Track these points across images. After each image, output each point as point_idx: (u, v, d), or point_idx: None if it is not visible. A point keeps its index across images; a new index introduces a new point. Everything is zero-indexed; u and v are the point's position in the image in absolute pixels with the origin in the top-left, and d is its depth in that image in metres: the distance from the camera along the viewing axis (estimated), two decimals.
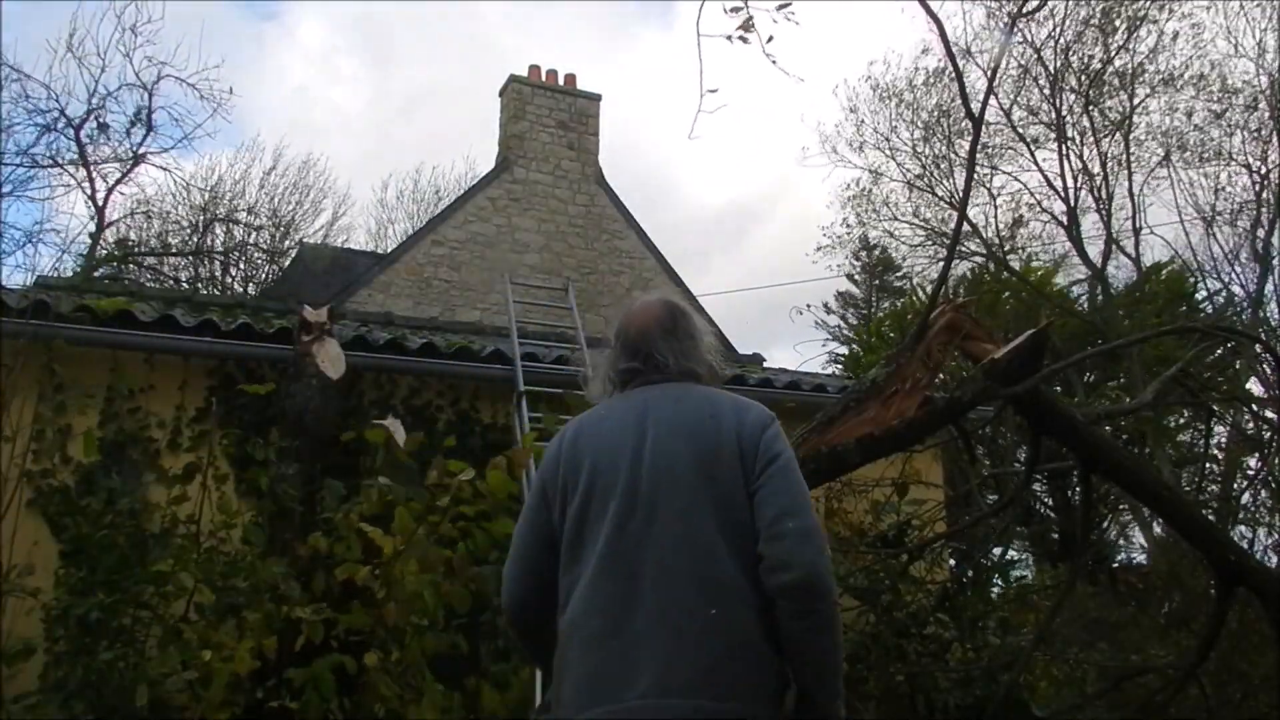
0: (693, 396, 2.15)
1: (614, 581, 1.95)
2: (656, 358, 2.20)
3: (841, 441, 3.75)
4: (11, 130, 14.73)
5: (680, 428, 2.07)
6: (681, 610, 1.89)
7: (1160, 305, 15.00)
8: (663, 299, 2.33)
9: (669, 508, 1.98)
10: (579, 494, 2.06)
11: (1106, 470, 4.23)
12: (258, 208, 19.20)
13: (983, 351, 3.92)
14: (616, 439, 2.09)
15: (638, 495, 2.00)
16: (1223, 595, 4.13)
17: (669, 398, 2.14)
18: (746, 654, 1.88)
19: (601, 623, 1.93)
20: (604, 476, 2.04)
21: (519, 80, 14.54)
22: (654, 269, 14.90)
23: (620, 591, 1.94)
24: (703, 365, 2.25)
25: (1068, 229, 15.33)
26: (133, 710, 4.01)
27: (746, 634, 1.89)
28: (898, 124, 16.24)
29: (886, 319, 19.49)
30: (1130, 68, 14.41)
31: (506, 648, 5.94)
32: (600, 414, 2.22)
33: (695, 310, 2.34)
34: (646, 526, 1.97)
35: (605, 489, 2.03)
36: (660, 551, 1.95)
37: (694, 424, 2.07)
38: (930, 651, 5.78)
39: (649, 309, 2.28)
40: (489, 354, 6.63)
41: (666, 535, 1.96)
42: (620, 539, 1.97)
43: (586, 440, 2.14)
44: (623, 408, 2.17)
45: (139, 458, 5.55)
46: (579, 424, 2.22)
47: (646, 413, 2.11)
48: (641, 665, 1.86)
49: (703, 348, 2.26)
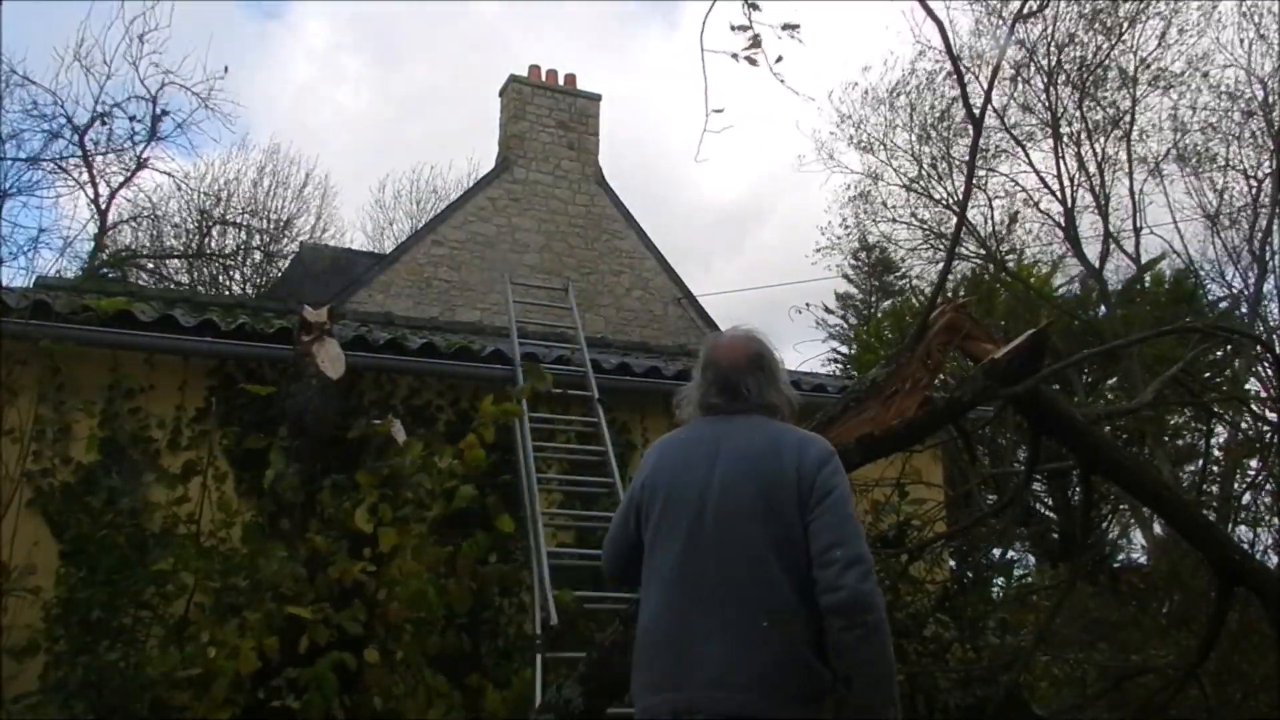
0: (764, 430, 2.40)
1: (684, 591, 2.27)
2: (742, 391, 2.43)
3: (841, 442, 3.74)
4: (18, 137, 14.73)
5: (747, 458, 2.33)
6: (740, 621, 2.19)
7: (1161, 305, 15.00)
8: (749, 335, 2.55)
9: (733, 530, 2.26)
10: (656, 511, 2.38)
11: (1107, 470, 4.22)
12: (255, 208, 19.22)
13: (983, 351, 3.91)
14: (693, 463, 2.38)
15: (705, 516, 2.29)
16: (1223, 595, 4.12)
17: (743, 429, 2.40)
18: (794, 662, 2.17)
19: (670, 626, 2.26)
20: (678, 496, 2.35)
21: (519, 80, 14.54)
22: (654, 269, 14.90)
23: (689, 600, 2.25)
24: (781, 399, 2.48)
25: (1064, 228, 15.34)
26: (133, 710, 4.01)
27: (794, 645, 2.18)
28: (895, 126, 16.25)
29: (885, 319, 19.49)
30: (1130, 63, 14.43)
31: (507, 647, 5.95)
32: (681, 438, 2.50)
33: (772, 347, 2.55)
34: (714, 545, 2.26)
35: (680, 507, 2.34)
36: (724, 568, 2.24)
37: (759, 456, 2.33)
38: (930, 652, 5.78)
39: (736, 345, 2.52)
40: (489, 354, 6.63)
41: (730, 554, 2.24)
42: (691, 555, 2.28)
43: (667, 462, 2.45)
44: (701, 435, 2.45)
45: (139, 457, 5.55)
46: (662, 446, 2.53)
47: (720, 442, 2.38)
48: (702, 664, 2.18)
49: (781, 384, 2.50)
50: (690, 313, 14.87)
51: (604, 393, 6.62)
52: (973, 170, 5.71)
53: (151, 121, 15.31)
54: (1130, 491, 4.58)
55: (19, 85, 14.29)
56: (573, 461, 6.55)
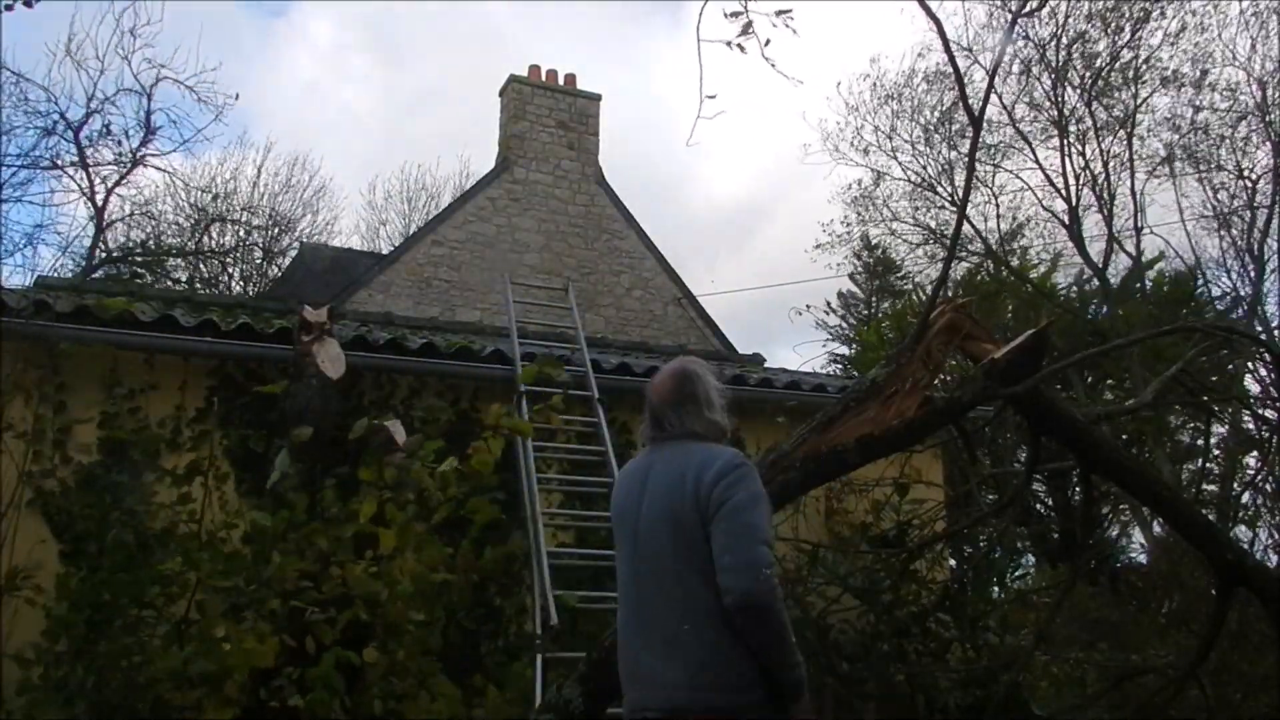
0: (679, 455, 2.72)
1: (630, 606, 2.72)
2: (665, 424, 2.80)
3: (841, 441, 3.75)
4: (12, 133, 14.71)
5: (664, 483, 2.69)
6: (666, 627, 2.58)
7: (1161, 304, 14.99)
8: (674, 371, 2.90)
9: (652, 547, 2.65)
10: (616, 529, 2.85)
11: (1106, 470, 4.22)
12: (254, 207, 19.21)
13: (982, 351, 3.91)
14: (630, 491, 2.79)
15: (639, 536, 2.70)
16: (1222, 595, 4.12)
17: (665, 457, 2.76)
18: (716, 659, 2.51)
19: (626, 635, 2.73)
20: (623, 519, 2.78)
21: (519, 80, 14.53)
22: (654, 269, 14.89)
23: (631, 612, 2.71)
24: (701, 425, 2.78)
25: (1069, 227, 15.34)
26: (135, 710, 4.01)
27: (715, 644, 2.51)
28: (899, 124, 16.23)
29: (886, 320, 19.47)
30: (1135, 64, 14.41)
31: (508, 647, 5.95)
32: (628, 468, 2.97)
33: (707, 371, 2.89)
34: (644, 562, 2.67)
35: (623, 531, 2.78)
36: (651, 582, 2.64)
37: (672, 478, 2.67)
38: (930, 651, 5.79)
39: (664, 382, 2.88)
40: (489, 354, 6.63)
41: (653, 570, 2.64)
42: (633, 572, 2.71)
43: (619, 488, 2.90)
44: (638, 465, 2.88)
45: (139, 458, 5.55)
46: (623, 473, 2.99)
47: (650, 469, 2.78)
48: (648, 665, 2.61)
49: (704, 410, 2.79)
50: (690, 313, 14.87)
51: (604, 393, 6.62)
52: (972, 170, 5.70)
53: (145, 116, 15.31)
54: (1129, 491, 4.59)
55: (13, 83, 14.29)
56: (573, 461, 6.55)
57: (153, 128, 15.36)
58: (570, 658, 4.65)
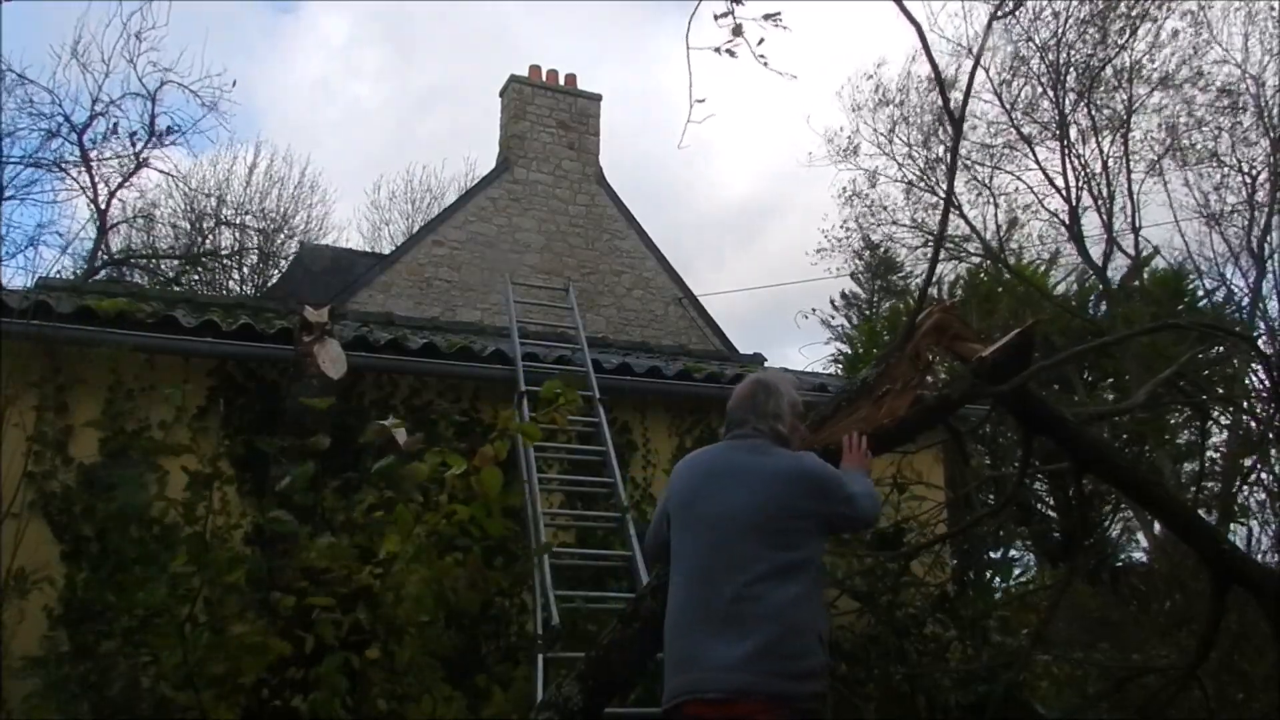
0: (763, 451, 2.94)
1: (700, 589, 2.79)
2: (743, 423, 3.03)
3: (834, 441, 3.78)
4: (15, 135, 14.73)
5: (740, 472, 2.88)
6: (734, 612, 2.68)
7: (1157, 303, 14.99)
8: (755, 379, 3.18)
9: (734, 535, 2.77)
10: (678, 517, 2.97)
11: (1098, 469, 4.24)
12: (253, 207, 19.23)
13: (971, 351, 3.94)
14: (702, 479, 2.97)
15: (709, 524, 2.84)
16: (1218, 593, 4.13)
17: (742, 449, 2.98)
18: (784, 646, 2.63)
19: (691, 617, 2.78)
20: (693, 505, 2.92)
21: (519, 80, 14.56)
22: (655, 269, 14.91)
23: (703, 596, 2.77)
24: (767, 428, 3.00)
25: (1068, 227, 15.35)
26: (137, 710, 4.02)
27: (791, 632, 2.65)
28: (898, 125, 16.24)
29: (881, 320, 19.49)
30: (1129, 64, 14.43)
31: (509, 647, 5.96)
32: (696, 459, 3.12)
33: (787, 383, 3.19)
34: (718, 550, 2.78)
35: (689, 516, 2.92)
36: (723, 570, 2.74)
37: (749, 469, 2.87)
38: (930, 652, 5.79)
39: (743, 387, 3.14)
40: (490, 354, 6.64)
41: (730, 556, 2.74)
42: (709, 556, 2.80)
43: (686, 477, 3.04)
44: (709, 456, 3.07)
45: (140, 458, 5.56)
46: (688, 461, 3.14)
47: (722, 462, 2.98)
48: (712, 648, 2.66)
49: (772, 417, 3.02)
50: (691, 313, 14.89)
51: (604, 393, 6.63)
52: (954, 170, 5.73)
53: (150, 121, 15.33)
54: (1122, 489, 4.61)
55: (16, 84, 14.31)
56: (573, 461, 6.56)
57: (157, 130, 15.37)
58: (571, 658, 4.66)
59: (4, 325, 5.09)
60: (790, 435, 3.03)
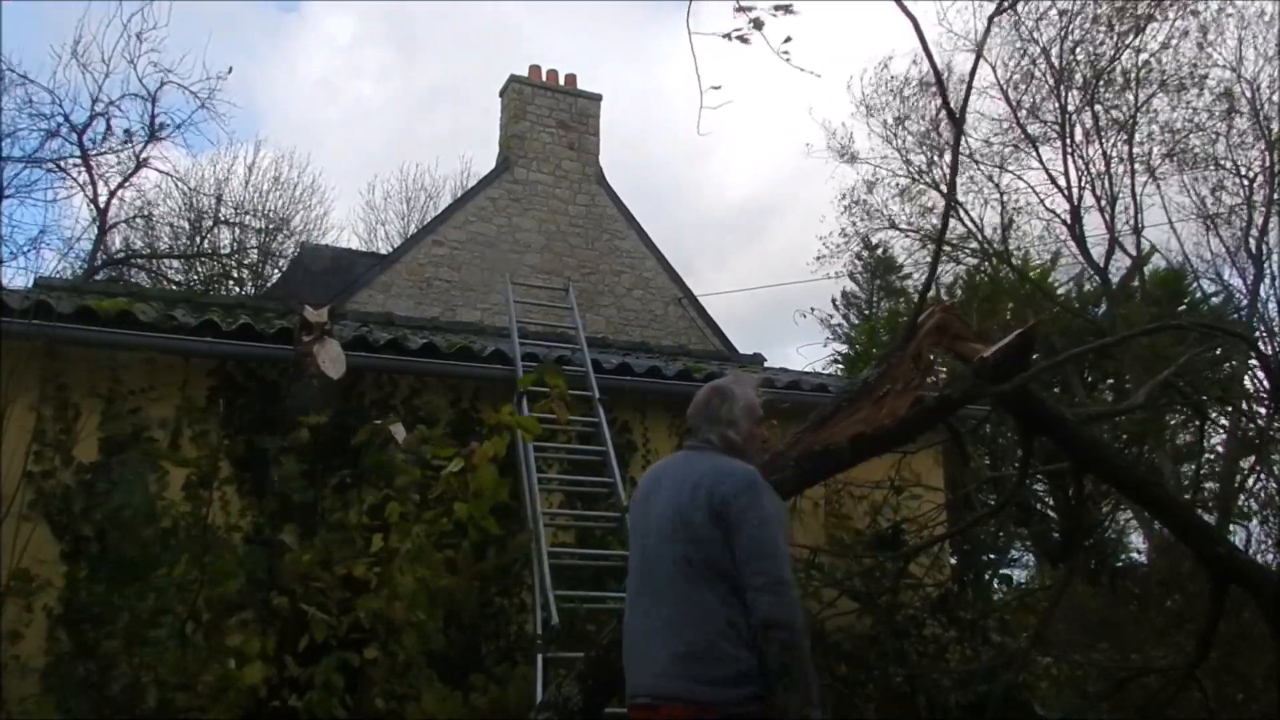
0: (698, 461, 2.92)
1: (636, 595, 2.88)
2: (697, 430, 3.03)
3: (834, 440, 3.78)
4: (15, 135, 14.73)
5: (679, 483, 2.87)
6: (666, 618, 2.72)
7: (1157, 303, 15.00)
8: (712, 385, 3.13)
9: (666, 543, 2.79)
10: (632, 524, 3.09)
11: (1097, 469, 4.25)
12: (252, 207, 19.22)
13: (971, 351, 3.94)
14: (652, 486, 3.00)
15: (651, 531, 2.87)
16: (1217, 593, 4.13)
17: (686, 461, 2.97)
18: (709, 653, 2.62)
19: (631, 624, 2.88)
20: (643, 513, 2.96)
21: (519, 80, 14.55)
22: (654, 269, 14.90)
23: (641, 604, 2.85)
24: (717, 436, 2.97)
25: (1070, 228, 15.36)
26: (136, 710, 4.02)
27: (709, 639, 2.63)
28: (904, 120, 16.25)
29: (881, 321, 19.50)
30: (1135, 65, 14.43)
31: (508, 647, 5.96)
32: (656, 466, 3.15)
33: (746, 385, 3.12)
34: (651, 561, 2.83)
35: (639, 523, 2.98)
36: (656, 580, 2.80)
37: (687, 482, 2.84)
38: (930, 653, 5.79)
39: (700, 394, 3.10)
40: (490, 354, 6.64)
41: (659, 568, 2.79)
42: (643, 563, 2.88)
43: (643, 485, 3.07)
44: (664, 464, 3.11)
45: (140, 458, 5.57)
46: (650, 470, 3.16)
47: (670, 470, 3.01)
48: (651, 654, 2.73)
49: (725, 425, 2.98)
50: (690, 313, 14.89)
51: (604, 393, 6.63)
52: (955, 168, 5.72)
53: (150, 121, 15.33)
54: (1121, 489, 4.61)
55: (17, 83, 14.31)
56: (573, 461, 6.57)
57: (157, 130, 15.37)
58: (570, 658, 4.66)
59: (4, 325, 5.09)
60: (745, 441, 2.98)
